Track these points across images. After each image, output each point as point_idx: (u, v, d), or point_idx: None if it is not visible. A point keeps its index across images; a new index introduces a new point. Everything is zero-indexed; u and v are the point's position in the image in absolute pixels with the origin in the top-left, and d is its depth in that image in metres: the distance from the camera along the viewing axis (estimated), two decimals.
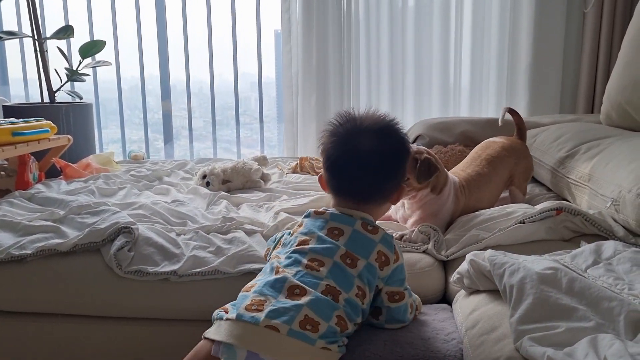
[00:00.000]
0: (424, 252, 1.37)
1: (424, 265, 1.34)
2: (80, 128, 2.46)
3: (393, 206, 1.52)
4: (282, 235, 1.16)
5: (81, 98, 2.68)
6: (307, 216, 1.11)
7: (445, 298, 1.35)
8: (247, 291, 0.97)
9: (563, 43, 2.78)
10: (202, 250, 1.37)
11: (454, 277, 1.18)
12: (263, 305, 0.91)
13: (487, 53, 2.89)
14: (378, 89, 2.97)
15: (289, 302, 0.91)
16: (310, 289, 0.94)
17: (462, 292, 1.18)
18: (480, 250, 1.23)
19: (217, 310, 0.98)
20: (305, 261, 0.99)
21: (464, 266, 1.14)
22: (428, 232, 1.39)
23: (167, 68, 3.35)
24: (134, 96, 3.53)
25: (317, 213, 1.09)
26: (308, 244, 1.03)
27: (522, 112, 2.75)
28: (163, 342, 1.34)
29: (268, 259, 1.14)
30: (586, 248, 1.08)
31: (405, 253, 1.36)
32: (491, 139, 1.72)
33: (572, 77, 2.83)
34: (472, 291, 1.13)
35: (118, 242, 1.35)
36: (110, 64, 2.74)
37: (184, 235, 1.46)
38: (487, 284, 1.08)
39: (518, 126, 1.78)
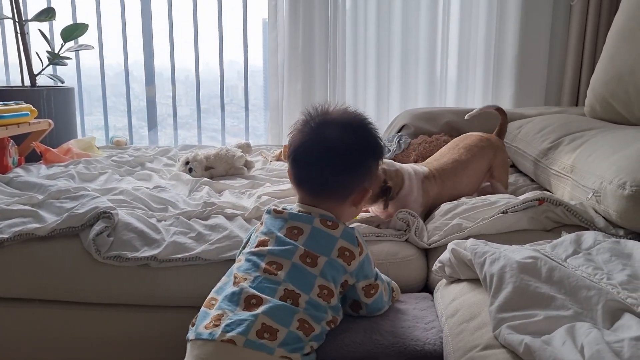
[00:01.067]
0: (405, 240, 1.37)
1: (405, 254, 1.34)
2: (62, 113, 2.42)
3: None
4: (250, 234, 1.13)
5: (63, 82, 2.64)
6: (268, 212, 1.08)
7: (427, 287, 1.35)
8: (209, 307, 0.95)
9: (549, 36, 2.79)
10: (182, 236, 1.35)
11: (435, 265, 1.18)
12: (220, 320, 0.90)
13: (473, 44, 2.90)
14: (364, 78, 2.96)
15: (245, 314, 0.90)
16: (267, 297, 0.92)
17: (444, 281, 1.18)
18: (463, 239, 1.23)
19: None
20: (263, 265, 0.97)
21: (445, 255, 1.14)
22: (406, 219, 1.39)
23: (152, 54, 3.30)
24: (119, 83, 3.48)
25: (276, 212, 1.06)
26: (267, 245, 1.00)
27: (508, 104, 2.77)
28: (142, 329, 1.33)
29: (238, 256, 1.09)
30: (566, 238, 1.08)
31: (387, 242, 1.36)
32: (470, 133, 1.74)
33: (557, 69, 2.84)
34: (453, 280, 1.13)
35: (97, 227, 1.33)
36: (93, 48, 2.69)
37: (165, 221, 1.45)
38: (468, 273, 1.08)
39: (501, 126, 1.80)
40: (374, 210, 1.52)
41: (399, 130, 2.23)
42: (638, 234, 1.24)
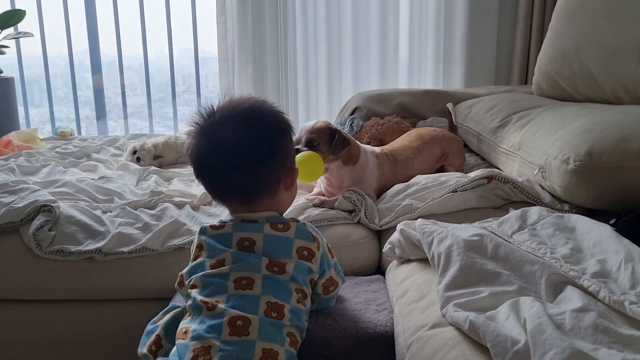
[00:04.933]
0: (357, 222, 1.37)
1: (357, 237, 1.33)
2: (1, 103, 2.31)
3: (320, 184, 1.52)
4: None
5: (1, 72, 2.52)
6: (202, 233, 0.95)
7: (380, 269, 1.35)
8: (183, 339, 0.84)
9: (497, 15, 2.82)
10: (128, 227, 1.31)
11: (385, 247, 1.17)
12: (209, 352, 0.79)
13: (424, 25, 2.90)
14: (316, 61, 2.93)
15: (237, 341, 0.81)
16: (253, 315, 0.83)
17: (395, 262, 1.18)
18: (414, 219, 1.23)
19: (145, 348, 0.90)
20: (231, 284, 0.87)
21: (395, 236, 1.14)
22: (352, 198, 1.38)
23: (97, 42, 3.19)
24: (67, 72, 3.34)
25: (214, 228, 0.95)
26: (225, 265, 0.89)
27: (458, 83, 2.80)
28: (88, 324, 1.29)
29: (180, 287, 0.97)
30: (512, 214, 1.09)
31: (339, 226, 1.35)
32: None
33: (506, 48, 2.88)
34: (404, 260, 1.13)
35: (37, 222, 1.28)
36: (32, 35, 2.58)
37: (110, 212, 1.40)
38: (417, 253, 1.08)
39: (450, 124, 1.90)
40: (322, 188, 1.54)
41: (352, 113, 2.22)
42: (582, 208, 1.26)
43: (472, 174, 1.42)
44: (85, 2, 3.08)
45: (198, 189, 1.56)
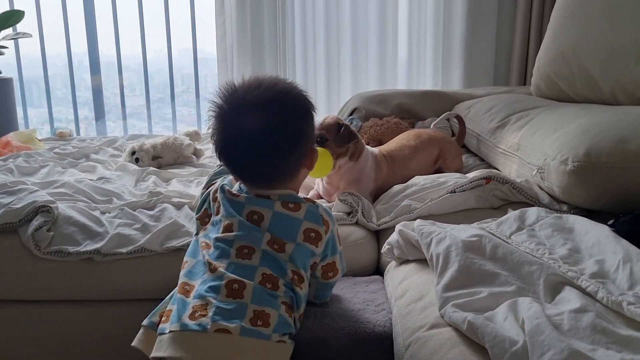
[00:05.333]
0: (356, 223, 1.37)
1: (356, 237, 1.33)
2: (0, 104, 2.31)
3: (318, 184, 1.53)
4: (206, 197, 1.05)
5: (0, 72, 2.52)
6: (222, 191, 0.99)
7: (379, 269, 1.35)
8: (186, 295, 0.89)
9: (496, 16, 2.82)
10: (127, 228, 1.31)
11: (384, 247, 1.17)
12: (206, 309, 0.84)
13: (423, 25, 2.90)
14: (314, 62, 2.93)
15: (232, 302, 0.85)
16: (248, 281, 0.87)
17: (393, 263, 1.18)
18: (412, 220, 1.23)
19: (147, 319, 0.92)
20: (233, 251, 0.91)
21: (393, 236, 1.14)
22: (349, 200, 1.39)
23: (96, 42, 3.18)
24: (66, 73, 3.33)
25: (231, 194, 0.98)
26: (232, 231, 0.94)
27: (457, 84, 2.80)
28: (87, 325, 1.29)
29: (195, 236, 1.03)
30: (511, 215, 1.09)
31: (337, 227, 1.34)
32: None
33: (505, 49, 2.88)
34: (402, 261, 1.13)
35: (36, 222, 1.28)
36: (31, 36, 2.58)
37: (109, 213, 1.40)
38: (415, 254, 1.08)
39: (460, 133, 1.87)
40: (319, 189, 1.55)
41: (351, 114, 2.22)
42: (581, 209, 1.26)
43: (470, 175, 1.42)
44: (84, 3, 3.08)
45: (196, 190, 1.56)
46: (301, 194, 1.02)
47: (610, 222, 1.03)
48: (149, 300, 1.22)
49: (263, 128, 0.91)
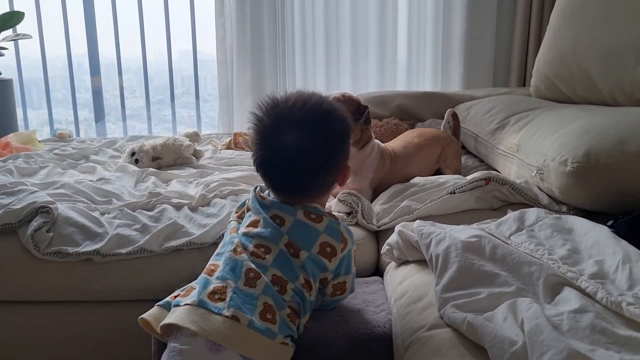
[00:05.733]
0: (355, 224, 1.37)
1: (356, 238, 1.30)
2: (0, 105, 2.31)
3: None
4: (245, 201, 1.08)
5: (0, 73, 2.52)
6: (254, 190, 1.03)
7: (378, 270, 1.35)
8: (209, 275, 0.91)
9: (495, 17, 2.83)
10: (126, 228, 1.31)
11: (384, 248, 1.17)
12: (225, 292, 0.86)
13: (422, 27, 2.91)
14: (314, 63, 2.94)
15: (247, 290, 0.87)
16: (263, 274, 0.89)
17: (393, 264, 1.18)
18: (412, 221, 1.23)
19: (164, 300, 0.92)
20: (251, 247, 0.93)
21: (393, 237, 1.14)
22: (348, 201, 1.38)
23: (96, 44, 3.18)
24: (66, 74, 3.33)
25: (260, 196, 1.01)
26: (256, 227, 0.96)
27: (457, 86, 2.80)
28: (86, 325, 1.29)
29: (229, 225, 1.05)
30: (510, 216, 1.09)
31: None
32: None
33: (504, 50, 2.88)
34: (402, 262, 1.13)
35: (35, 223, 1.28)
36: (31, 37, 2.58)
37: (109, 213, 1.40)
38: (415, 254, 1.08)
39: (454, 129, 1.87)
40: None
41: None
42: (580, 210, 1.26)
43: (470, 176, 1.42)
44: (84, 5, 3.08)
45: (196, 190, 1.56)
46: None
47: (610, 222, 1.03)
48: (148, 301, 1.22)
49: (304, 148, 0.94)
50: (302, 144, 0.94)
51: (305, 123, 0.94)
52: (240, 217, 1.06)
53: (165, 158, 1.90)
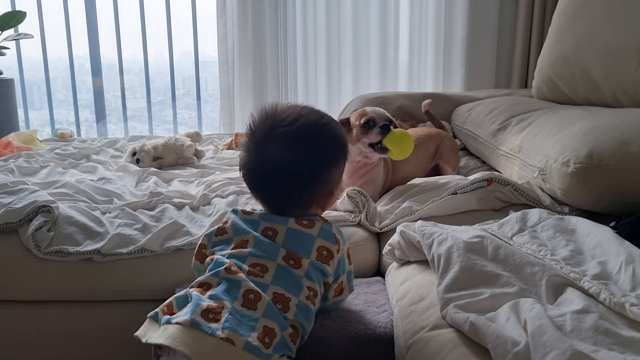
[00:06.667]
0: (358, 224, 1.36)
1: (358, 239, 1.33)
2: (0, 105, 2.31)
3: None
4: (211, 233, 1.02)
5: (1, 73, 2.52)
6: (234, 212, 1.00)
7: (379, 270, 1.34)
8: (201, 292, 0.86)
9: (497, 19, 2.83)
10: (127, 228, 1.31)
11: (385, 249, 1.17)
12: (220, 313, 0.82)
13: (424, 28, 2.91)
14: (315, 64, 2.93)
15: (245, 312, 0.83)
16: (264, 294, 0.86)
17: (395, 264, 1.17)
18: (414, 222, 1.23)
19: (153, 312, 0.88)
20: (246, 267, 0.89)
21: (394, 238, 1.14)
22: (357, 199, 1.38)
23: (98, 44, 3.18)
24: (68, 75, 3.33)
25: (245, 212, 0.99)
26: (246, 247, 0.93)
27: (458, 87, 2.80)
28: (87, 325, 1.28)
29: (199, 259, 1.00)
30: (513, 216, 1.09)
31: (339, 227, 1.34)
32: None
33: (506, 52, 2.88)
34: (404, 262, 1.13)
35: (36, 222, 1.27)
36: (33, 37, 2.58)
37: (110, 213, 1.39)
38: (417, 255, 1.07)
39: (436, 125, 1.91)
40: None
41: None
42: (582, 211, 1.26)
43: (471, 177, 1.42)
44: (85, 6, 3.08)
45: (197, 189, 1.56)
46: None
47: (612, 223, 1.02)
48: (149, 300, 1.22)
49: (283, 164, 0.94)
50: (279, 158, 0.93)
51: (284, 139, 0.94)
52: (203, 259, 0.99)
53: (166, 158, 1.90)
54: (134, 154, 1.88)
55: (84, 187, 1.54)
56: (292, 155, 0.93)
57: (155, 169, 1.79)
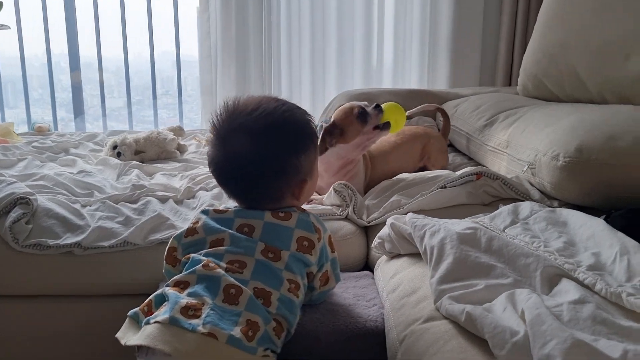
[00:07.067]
0: (345, 218, 1.35)
1: (345, 233, 1.31)
2: None
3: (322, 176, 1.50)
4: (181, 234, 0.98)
5: None
6: (204, 213, 0.97)
7: (368, 265, 1.33)
8: (179, 291, 0.83)
9: (482, 17, 2.84)
10: (109, 221, 1.27)
11: (375, 242, 1.15)
12: (200, 309, 0.79)
13: (409, 25, 2.90)
14: (299, 61, 2.91)
15: (227, 307, 0.81)
16: (246, 288, 0.83)
17: (384, 258, 1.16)
18: (402, 215, 1.21)
19: (133, 311, 0.85)
20: (224, 264, 0.87)
21: (384, 230, 1.12)
22: (343, 193, 1.36)
23: (76, 42, 3.12)
24: (44, 74, 3.25)
25: (217, 212, 0.96)
26: (223, 245, 0.90)
27: (443, 85, 2.80)
28: (68, 320, 1.25)
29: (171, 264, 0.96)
30: (504, 209, 1.08)
31: (327, 221, 1.32)
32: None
33: (491, 51, 2.89)
34: (394, 256, 1.12)
35: (14, 214, 1.23)
36: (10, 28, 2.51)
37: (90, 206, 1.35)
38: (408, 247, 1.06)
39: (444, 127, 1.85)
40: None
41: None
42: (572, 205, 1.26)
43: (460, 171, 1.41)
44: (64, 2, 3.01)
45: (181, 183, 1.53)
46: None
47: (603, 217, 1.02)
48: (132, 295, 1.19)
49: (246, 155, 0.92)
50: (243, 150, 0.92)
51: (246, 130, 0.92)
52: (174, 262, 0.96)
53: (148, 152, 1.86)
54: (115, 147, 1.84)
55: (63, 179, 1.50)
56: (254, 145, 0.92)
57: (137, 162, 1.75)
